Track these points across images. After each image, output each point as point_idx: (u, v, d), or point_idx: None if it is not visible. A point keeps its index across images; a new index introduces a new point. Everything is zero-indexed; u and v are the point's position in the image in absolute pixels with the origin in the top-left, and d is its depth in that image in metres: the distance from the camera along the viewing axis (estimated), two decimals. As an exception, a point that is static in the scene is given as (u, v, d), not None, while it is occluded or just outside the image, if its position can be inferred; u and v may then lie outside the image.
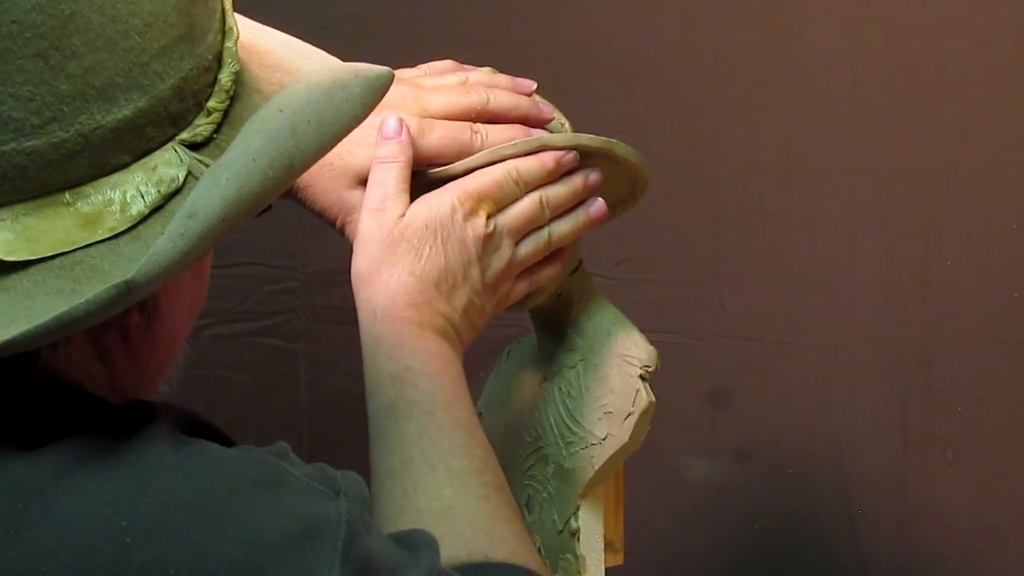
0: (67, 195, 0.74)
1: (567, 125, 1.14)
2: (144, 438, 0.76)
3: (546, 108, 1.13)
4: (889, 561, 1.69)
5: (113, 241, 0.75)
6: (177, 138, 0.77)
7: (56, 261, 0.74)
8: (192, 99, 0.78)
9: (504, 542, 0.93)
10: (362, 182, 1.07)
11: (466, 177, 1.05)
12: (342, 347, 1.79)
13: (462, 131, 1.08)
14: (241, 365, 1.79)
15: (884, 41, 1.62)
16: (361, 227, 1.03)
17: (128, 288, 0.72)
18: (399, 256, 1.02)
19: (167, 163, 0.76)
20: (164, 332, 0.84)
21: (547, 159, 1.07)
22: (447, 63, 1.16)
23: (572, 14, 1.69)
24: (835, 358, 1.68)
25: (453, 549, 0.91)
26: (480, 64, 1.18)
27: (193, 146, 0.78)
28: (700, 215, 1.70)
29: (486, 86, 1.12)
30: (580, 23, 1.69)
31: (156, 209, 0.76)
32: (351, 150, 1.07)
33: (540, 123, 1.13)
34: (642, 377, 1.15)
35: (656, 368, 1.16)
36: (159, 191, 0.76)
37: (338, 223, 1.09)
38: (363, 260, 1.02)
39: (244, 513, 0.74)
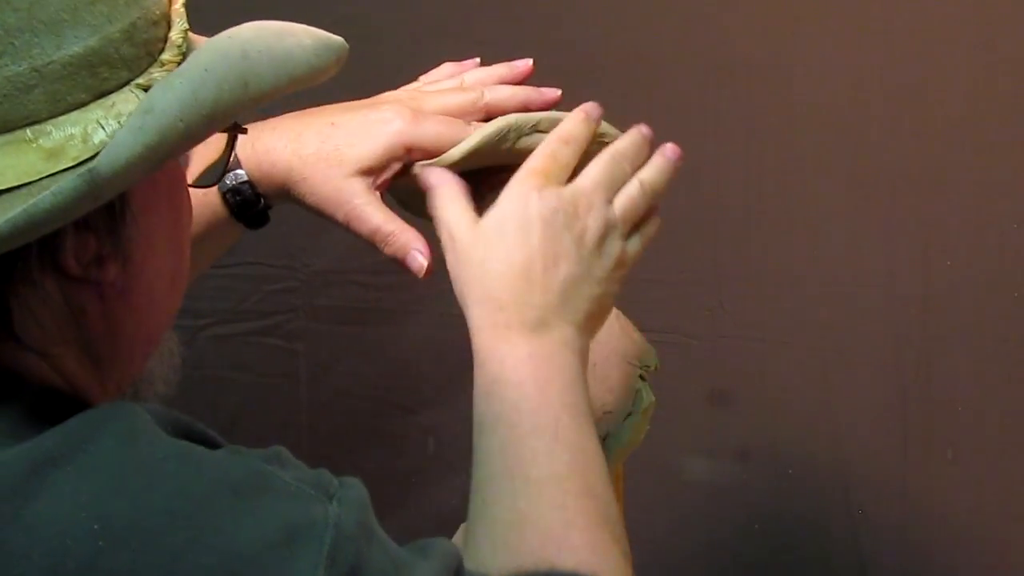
0: (28, 132, 0.76)
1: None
2: (121, 439, 0.76)
3: (549, 91, 1.12)
4: (889, 561, 1.69)
5: (78, 168, 0.76)
6: (133, 82, 0.79)
7: (24, 190, 0.76)
8: (144, 47, 0.80)
9: (575, 552, 0.90)
10: (361, 172, 1.07)
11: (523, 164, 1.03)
12: (342, 347, 1.79)
13: (456, 123, 1.08)
14: (241, 365, 1.79)
15: (884, 41, 1.62)
16: (449, 269, 1.02)
17: (91, 176, 0.74)
18: (477, 264, 0.99)
19: (125, 101, 0.79)
20: (142, 293, 0.84)
21: (578, 115, 1.06)
22: (443, 68, 1.16)
23: (572, 14, 1.69)
24: (835, 358, 1.68)
25: (520, 559, 0.90)
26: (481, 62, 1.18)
27: (149, 91, 0.79)
28: (700, 215, 1.70)
29: (482, 82, 1.12)
30: (580, 23, 1.69)
31: None
32: (350, 142, 1.07)
33: (544, 105, 1.12)
34: (642, 377, 1.15)
35: (656, 368, 1.16)
36: (119, 122, 0.77)
37: (340, 215, 1.08)
38: (457, 287, 1.01)
39: (220, 520, 0.74)
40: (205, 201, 1.07)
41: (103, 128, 0.77)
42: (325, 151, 1.07)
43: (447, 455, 1.76)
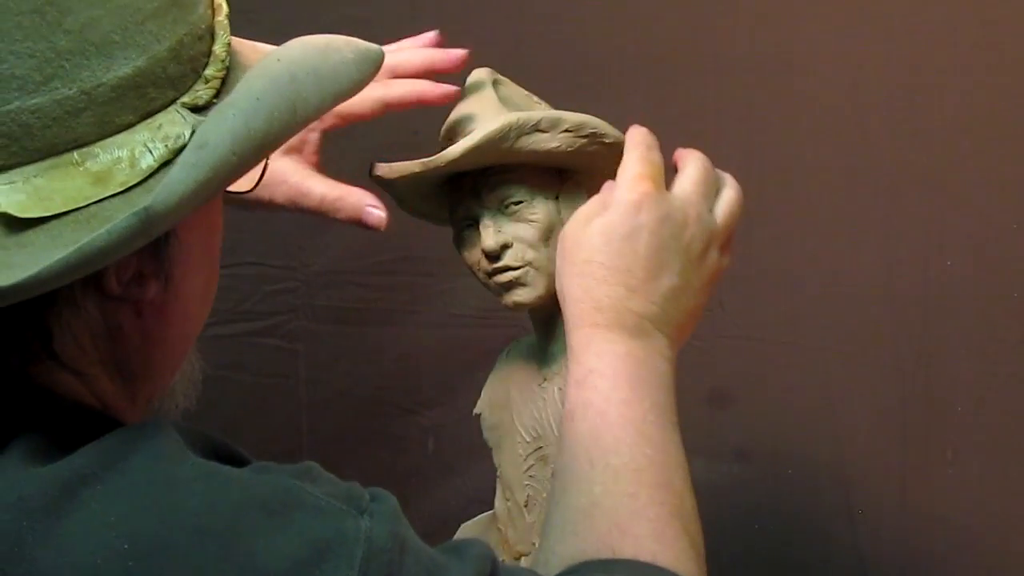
0: (75, 155, 0.76)
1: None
2: (151, 459, 0.76)
3: (455, 51, 1.14)
4: (889, 561, 1.69)
5: (126, 195, 0.76)
6: (179, 101, 0.79)
7: (71, 216, 0.75)
8: (189, 64, 0.80)
9: (638, 539, 0.91)
10: (283, 152, 1.09)
11: (622, 169, 1.04)
12: (342, 347, 1.79)
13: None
14: (241, 365, 1.79)
15: (884, 41, 1.62)
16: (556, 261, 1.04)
17: (147, 215, 0.73)
18: (580, 264, 1.01)
19: (172, 122, 0.78)
20: (178, 309, 0.85)
21: (634, 128, 1.07)
22: (402, 44, 1.18)
23: (572, 14, 1.69)
24: (835, 358, 1.68)
25: (584, 545, 0.91)
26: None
27: (195, 109, 0.79)
28: (700, 215, 1.70)
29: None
30: (580, 23, 1.69)
31: (165, 163, 0.77)
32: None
33: (449, 64, 1.16)
34: (642, 377, 1.15)
35: (656, 368, 1.15)
36: (166, 146, 0.77)
37: (282, 198, 1.10)
38: (557, 282, 1.03)
39: (249, 538, 0.74)
40: None
41: (150, 152, 0.76)
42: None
43: (447, 455, 1.76)
